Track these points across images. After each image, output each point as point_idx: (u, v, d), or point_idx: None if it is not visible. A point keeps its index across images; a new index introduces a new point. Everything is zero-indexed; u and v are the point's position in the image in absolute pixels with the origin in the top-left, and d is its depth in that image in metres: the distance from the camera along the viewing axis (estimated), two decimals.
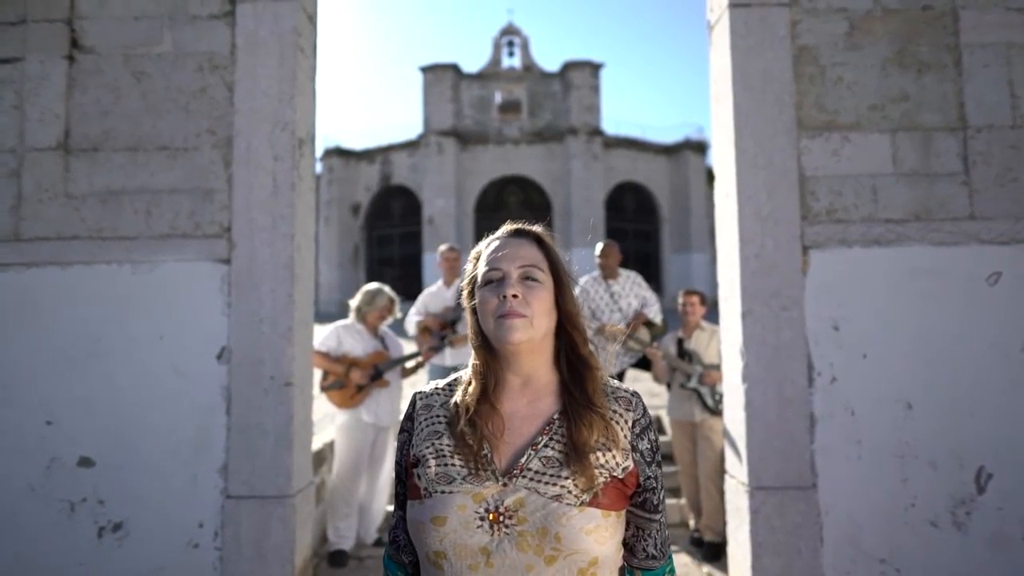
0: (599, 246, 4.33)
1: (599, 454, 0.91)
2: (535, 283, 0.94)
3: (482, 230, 1.07)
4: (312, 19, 2.82)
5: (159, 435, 2.45)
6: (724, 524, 2.86)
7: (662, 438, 4.54)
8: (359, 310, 3.69)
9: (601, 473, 0.90)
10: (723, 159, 2.68)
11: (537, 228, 1.01)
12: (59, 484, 2.43)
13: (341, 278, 24.71)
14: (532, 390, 0.96)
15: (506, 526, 0.87)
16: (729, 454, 2.67)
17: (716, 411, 3.53)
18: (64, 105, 2.57)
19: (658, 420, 4.94)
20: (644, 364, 4.27)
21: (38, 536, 2.41)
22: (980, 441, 2.38)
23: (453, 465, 0.91)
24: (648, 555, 0.98)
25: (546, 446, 0.92)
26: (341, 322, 3.72)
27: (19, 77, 2.57)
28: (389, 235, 26.11)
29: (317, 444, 3.64)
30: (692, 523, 3.74)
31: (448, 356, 4.07)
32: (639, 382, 5.81)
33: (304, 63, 2.69)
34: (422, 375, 4.47)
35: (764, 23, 2.55)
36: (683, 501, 3.90)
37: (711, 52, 2.83)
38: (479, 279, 0.97)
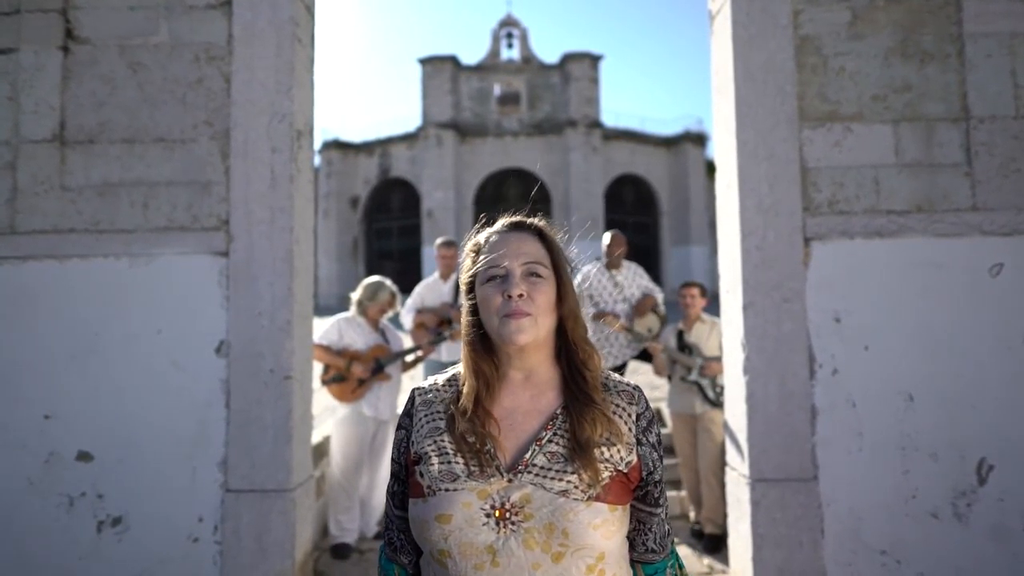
0: (607, 236, 4.31)
1: (603, 449, 0.90)
2: (539, 279, 0.92)
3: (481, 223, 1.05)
4: (310, 9, 2.79)
5: (158, 429, 2.44)
6: (725, 516, 2.86)
7: (663, 431, 4.55)
8: (360, 304, 3.67)
9: (606, 467, 0.89)
10: (724, 150, 2.66)
11: (539, 222, 0.99)
12: (58, 479, 2.42)
13: (340, 271, 24.69)
14: (534, 385, 0.95)
15: (512, 522, 0.86)
16: (730, 446, 2.66)
17: (717, 403, 3.52)
18: (59, 97, 2.54)
19: (658, 412, 4.94)
20: (645, 356, 4.27)
21: (37, 531, 2.41)
22: (981, 433, 2.37)
23: (457, 463, 0.90)
24: (648, 549, 0.97)
25: (550, 441, 0.91)
26: (342, 315, 3.70)
27: (13, 68, 2.54)
28: (388, 228, 26.08)
29: (317, 438, 3.64)
30: (693, 515, 3.75)
31: (444, 352, 4.05)
32: (639, 374, 5.81)
33: (302, 54, 2.66)
34: (420, 369, 4.46)
35: (766, 13, 2.53)
36: (684, 493, 3.90)
37: (712, 42, 2.81)
38: (480, 275, 0.94)
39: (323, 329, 3.55)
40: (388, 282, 3.72)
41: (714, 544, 3.39)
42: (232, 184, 2.52)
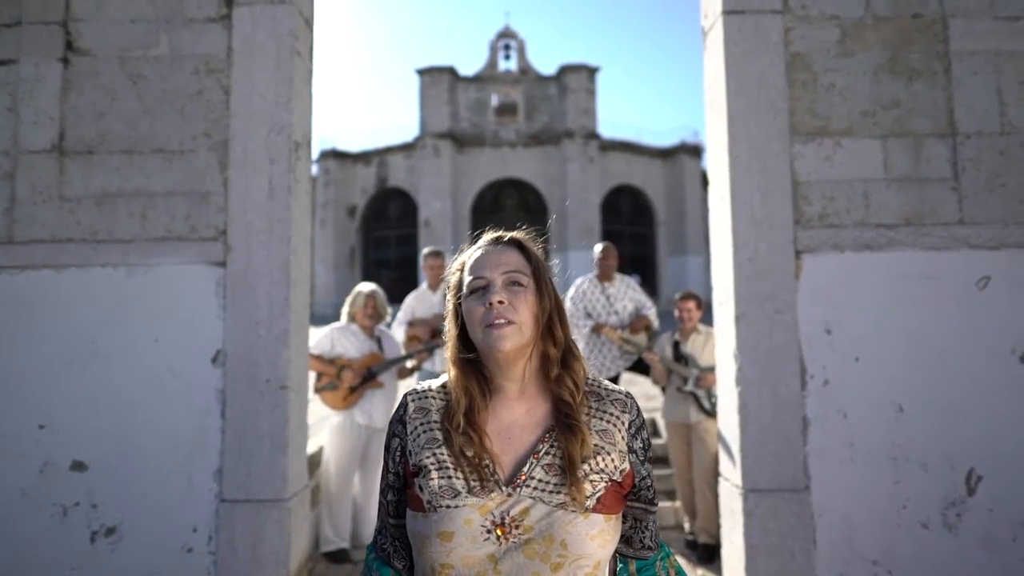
0: (598, 247, 4.35)
1: (598, 459, 0.92)
2: (520, 288, 0.94)
3: (478, 233, 1.08)
4: (309, 23, 2.83)
5: (153, 439, 2.45)
6: (718, 526, 2.87)
7: (658, 441, 4.56)
8: (350, 314, 3.77)
9: (602, 478, 0.91)
10: (717, 163, 2.70)
11: (518, 234, 1.01)
12: (52, 488, 2.42)
13: (337, 280, 24.67)
14: (529, 397, 0.97)
15: (512, 535, 0.88)
16: (723, 456, 2.68)
17: (712, 413, 3.54)
18: (59, 107, 2.57)
19: (653, 423, 4.95)
20: (639, 367, 4.29)
21: (31, 541, 2.40)
22: (970, 443, 2.40)
23: (457, 478, 0.91)
24: (644, 546, 1.01)
25: (547, 454, 0.92)
26: (335, 324, 3.76)
27: (13, 79, 2.57)
28: (385, 237, 26.11)
29: (312, 447, 3.64)
30: (687, 525, 3.75)
31: (438, 362, 4.07)
32: (634, 385, 5.82)
33: (301, 66, 2.70)
34: (415, 379, 4.47)
35: (757, 30, 2.57)
36: (678, 503, 3.91)
37: (705, 58, 2.86)
38: (464, 289, 0.96)
39: (316, 338, 3.58)
40: (365, 287, 3.78)
41: (708, 554, 3.40)
42: (230, 195, 2.54)
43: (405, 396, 1.01)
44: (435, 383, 1.01)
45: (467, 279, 0.97)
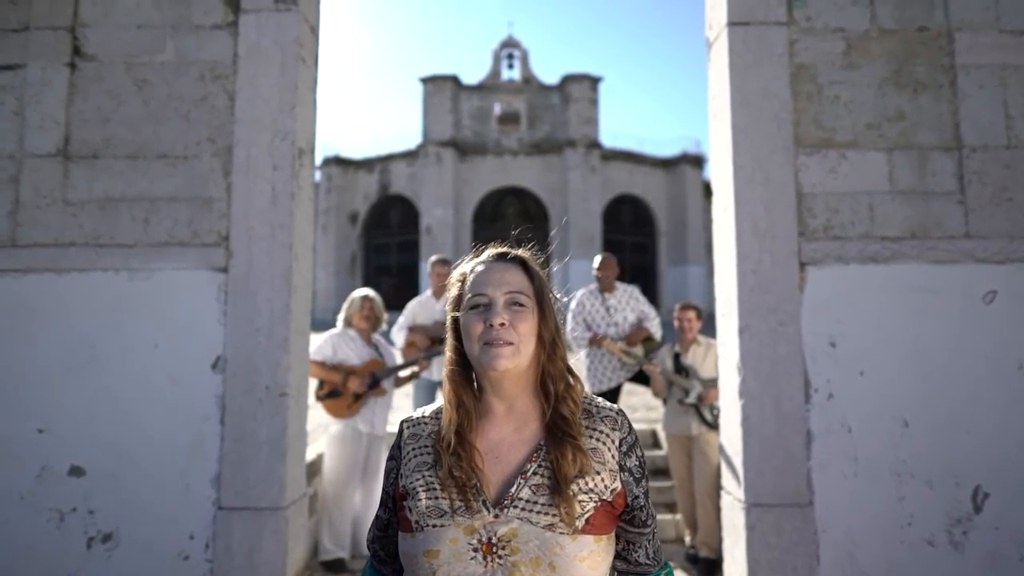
0: (597, 259, 4.35)
1: (588, 479, 0.91)
2: (521, 308, 0.93)
3: (479, 240, 1.07)
4: (314, 30, 2.84)
5: (152, 444, 2.43)
6: (720, 540, 2.84)
7: (658, 453, 4.53)
8: (346, 319, 3.74)
9: (591, 498, 0.90)
10: (721, 174, 2.70)
11: (522, 252, 1.01)
12: (49, 493, 2.40)
13: (338, 286, 24.65)
14: (517, 416, 0.96)
15: (499, 556, 0.87)
16: (725, 470, 2.66)
17: (713, 425, 3.52)
18: (65, 112, 2.57)
19: (653, 434, 4.92)
20: (640, 378, 4.26)
21: (27, 546, 2.38)
22: (976, 459, 2.37)
23: (444, 498, 0.90)
24: (639, 563, 1.00)
25: (535, 474, 0.91)
26: (333, 331, 3.74)
27: (20, 83, 2.57)
28: (386, 244, 26.12)
29: (310, 455, 3.62)
30: (687, 539, 3.72)
31: (436, 372, 4.05)
32: (635, 395, 5.80)
33: (305, 73, 2.70)
34: (412, 386, 4.46)
35: (762, 41, 2.58)
36: (679, 516, 3.87)
37: (710, 69, 2.86)
38: (465, 302, 0.96)
39: (316, 344, 3.56)
40: (362, 292, 3.79)
41: (709, 568, 3.36)
42: (233, 201, 2.54)
43: (401, 424, 1.02)
44: (428, 409, 1.02)
45: (468, 294, 0.96)
